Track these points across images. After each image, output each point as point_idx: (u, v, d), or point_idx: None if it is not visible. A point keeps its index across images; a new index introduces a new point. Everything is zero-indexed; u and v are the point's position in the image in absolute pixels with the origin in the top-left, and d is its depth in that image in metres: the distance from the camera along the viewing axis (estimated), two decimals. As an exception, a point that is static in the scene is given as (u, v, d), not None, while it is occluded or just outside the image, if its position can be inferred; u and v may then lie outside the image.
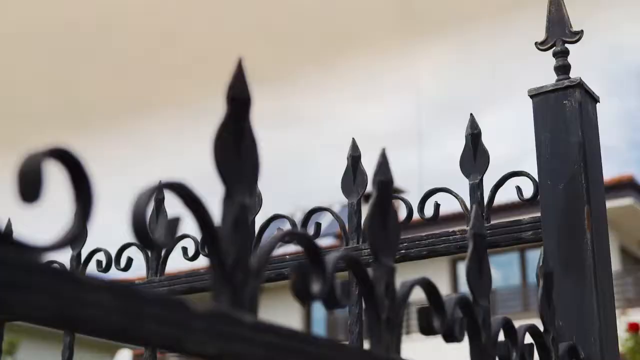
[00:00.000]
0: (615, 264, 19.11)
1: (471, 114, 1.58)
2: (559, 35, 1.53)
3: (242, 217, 0.69)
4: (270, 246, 0.72)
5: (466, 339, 0.99)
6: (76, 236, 0.58)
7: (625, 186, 18.94)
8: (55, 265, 1.88)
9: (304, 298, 0.74)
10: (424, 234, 1.57)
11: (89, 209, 0.58)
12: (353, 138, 1.69)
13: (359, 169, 1.65)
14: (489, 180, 1.56)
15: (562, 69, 1.51)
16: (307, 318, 22.06)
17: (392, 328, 0.84)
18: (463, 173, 1.55)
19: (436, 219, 1.57)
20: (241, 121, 0.72)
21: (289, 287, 0.74)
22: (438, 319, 0.92)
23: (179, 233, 0.65)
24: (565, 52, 1.52)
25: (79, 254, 1.93)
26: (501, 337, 1.09)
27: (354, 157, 1.66)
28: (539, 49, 1.55)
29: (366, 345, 0.86)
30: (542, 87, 1.49)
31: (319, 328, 22.20)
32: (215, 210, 0.69)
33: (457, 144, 1.60)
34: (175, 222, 0.64)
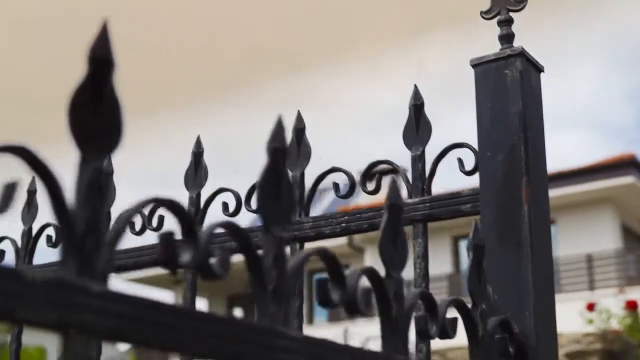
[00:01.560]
0: (617, 242, 19.09)
1: (415, 86, 1.54)
2: (504, 3, 1.49)
3: (96, 182, 0.66)
4: (129, 214, 0.69)
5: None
6: None
7: (627, 164, 18.87)
8: None
9: (171, 267, 0.71)
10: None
11: None
12: (298, 110, 1.65)
13: (303, 141, 1.61)
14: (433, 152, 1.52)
15: (506, 38, 1.47)
16: (310, 308, 22.25)
17: (279, 300, 0.81)
18: (405, 145, 1.52)
19: (378, 191, 1.54)
20: (101, 83, 0.69)
21: (157, 258, 0.71)
22: (337, 291, 0.89)
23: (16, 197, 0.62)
24: (510, 21, 1.48)
25: (30, 229, 1.90)
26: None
27: (298, 130, 1.62)
28: (484, 17, 1.51)
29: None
30: (484, 56, 1.45)
31: (321, 319, 22.41)
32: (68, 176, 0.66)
33: (461, 124, 1.55)
34: (12, 187, 0.61)
